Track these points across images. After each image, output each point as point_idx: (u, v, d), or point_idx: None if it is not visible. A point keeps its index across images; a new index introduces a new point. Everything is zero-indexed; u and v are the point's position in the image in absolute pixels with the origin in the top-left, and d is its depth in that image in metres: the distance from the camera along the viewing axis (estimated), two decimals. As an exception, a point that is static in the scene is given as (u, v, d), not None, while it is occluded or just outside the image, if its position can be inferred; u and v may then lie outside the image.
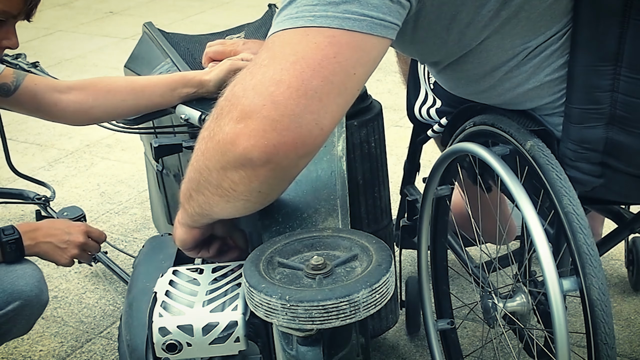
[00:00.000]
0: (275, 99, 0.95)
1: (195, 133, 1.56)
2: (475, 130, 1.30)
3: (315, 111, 0.96)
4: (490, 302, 1.29)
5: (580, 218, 1.10)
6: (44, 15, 4.91)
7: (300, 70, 0.96)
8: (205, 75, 1.51)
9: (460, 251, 1.54)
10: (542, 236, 1.09)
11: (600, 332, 1.07)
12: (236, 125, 0.96)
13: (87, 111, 1.50)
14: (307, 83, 0.96)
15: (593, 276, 1.08)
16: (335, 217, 1.12)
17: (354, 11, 0.97)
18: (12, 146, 2.52)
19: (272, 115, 0.95)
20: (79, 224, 1.59)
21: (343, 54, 0.97)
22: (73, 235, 1.54)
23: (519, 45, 1.13)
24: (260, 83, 0.96)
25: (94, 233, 1.60)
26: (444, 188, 1.46)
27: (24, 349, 1.90)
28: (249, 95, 0.96)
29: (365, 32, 0.97)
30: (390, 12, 1.00)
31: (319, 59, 0.96)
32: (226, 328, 1.01)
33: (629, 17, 1.07)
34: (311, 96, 0.96)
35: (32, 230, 1.48)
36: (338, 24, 0.96)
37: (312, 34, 0.96)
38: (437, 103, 1.51)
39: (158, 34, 1.82)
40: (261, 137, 0.95)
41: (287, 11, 0.99)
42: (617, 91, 1.12)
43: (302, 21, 0.97)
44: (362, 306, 0.89)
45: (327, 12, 0.96)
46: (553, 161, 1.14)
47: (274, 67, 0.96)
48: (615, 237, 1.47)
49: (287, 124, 0.95)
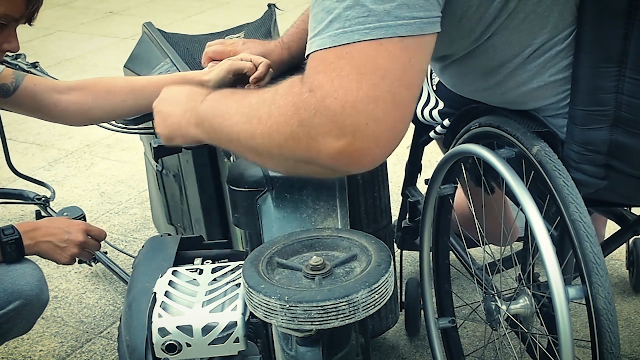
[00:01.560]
0: (376, 117, 1.00)
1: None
2: (480, 132, 1.29)
3: (405, 116, 1.03)
4: (494, 304, 1.29)
5: (587, 226, 1.09)
6: (44, 15, 4.91)
7: (390, 83, 1.01)
8: (205, 75, 1.51)
9: (463, 253, 1.53)
10: (548, 244, 1.08)
11: (606, 342, 1.06)
12: (336, 142, 1.00)
13: (86, 112, 1.51)
14: (397, 93, 1.01)
15: (599, 285, 1.07)
16: (335, 217, 1.12)
17: (405, 16, 1.00)
18: (12, 146, 2.52)
19: (376, 133, 1.01)
20: (78, 222, 1.59)
21: (414, 56, 1.01)
22: (73, 234, 1.54)
23: (525, 42, 1.13)
24: (358, 102, 1.00)
25: (94, 231, 1.60)
26: (447, 187, 1.45)
27: (24, 349, 1.90)
28: (350, 113, 1.00)
29: (419, 34, 1.01)
30: (433, 6, 1.02)
31: (399, 68, 1.01)
32: (225, 328, 1.01)
33: (634, 18, 1.07)
34: (403, 104, 1.02)
35: (32, 230, 1.48)
36: (393, 32, 1.00)
37: (379, 47, 1.00)
38: (440, 104, 1.51)
39: (158, 34, 1.82)
40: (365, 155, 1.02)
41: (335, 26, 1.01)
42: (621, 93, 1.11)
43: (358, 35, 1.00)
44: (361, 306, 0.89)
45: (381, 22, 1.00)
46: (560, 167, 1.14)
47: (366, 84, 1.00)
48: (618, 239, 1.46)
49: (387, 136, 1.03)
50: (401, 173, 1.83)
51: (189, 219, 1.78)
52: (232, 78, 1.50)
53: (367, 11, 1.00)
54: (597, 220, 1.85)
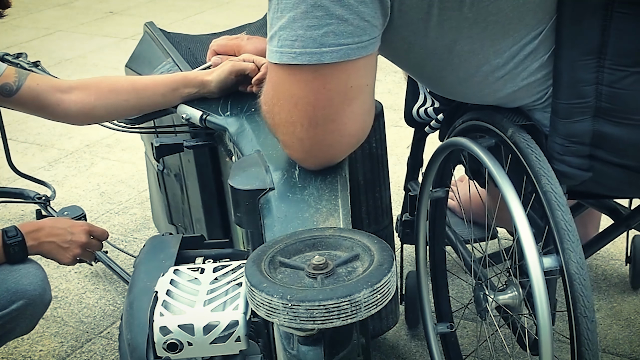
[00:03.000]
0: (298, 136, 1.14)
1: (196, 132, 1.56)
2: (467, 125, 1.33)
3: (334, 129, 1.13)
4: (482, 293, 1.30)
5: (559, 196, 1.12)
6: (44, 15, 4.92)
7: (303, 109, 1.11)
8: (207, 75, 1.51)
9: (459, 246, 1.54)
10: (522, 217, 1.11)
11: (580, 306, 1.08)
12: (282, 147, 1.20)
13: (89, 111, 1.50)
14: (312, 116, 1.11)
15: (571, 251, 1.09)
16: (337, 217, 1.12)
17: (331, 43, 1.05)
18: (12, 146, 2.52)
19: (303, 148, 1.16)
20: (81, 223, 1.59)
21: (330, 81, 1.09)
22: (76, 234, 1.54)
23: (489, 48, 1.14)
24: (281, 125, 1.15)
25: (97, 232, 1.61)
26: (438, 190, 1.47)
27: (24, 349, 1.90)
28: (280, 132, 1.17)
29: (344, 60, 1.07)
30: (365, 31, 1.07)
31: (311, 94, 1.09)
32: (227, 327, 1.01)
33: (612, 9, 1.09)
34: (323, 123, 1.12)
35: (35, 230, 1.49)
36: (317, 59, 1.06)
37: (299, 74, 1.09)
38: (435, 103, 1.53)
39: (159, 33, 1.82)
40: (303, 161, 1.19)
41: (273, 43, 1.09)
42: (601, 83, 1.14)
43: (286, 57, 1.08)
44: (363, 306, 0.89)
45: (306, 49, 1.05)
46: (532, 145, 1.18)
47: (283, 109, 1.13)
48: (611, 233, 1.48)
49: (318, 149, 1.16)
50: (401, 173, 1.83)
51: (189, 219, 1.78)
52: (234, 79, 1.51)
53: (296, 36, 1.05)
54: (587, 224, 1.87)
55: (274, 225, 1.12)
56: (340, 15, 1.04)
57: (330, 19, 1.04)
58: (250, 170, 1.23)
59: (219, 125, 1.45)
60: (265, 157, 1.27)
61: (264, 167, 1.23)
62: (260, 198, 1.17)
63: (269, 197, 1.16)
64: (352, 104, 1.12)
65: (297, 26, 1.05)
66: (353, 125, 1.14)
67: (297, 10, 1.04)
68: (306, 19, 1.04)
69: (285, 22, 1.06)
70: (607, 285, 2.02)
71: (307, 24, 1.04)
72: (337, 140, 1.15)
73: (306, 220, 1.12)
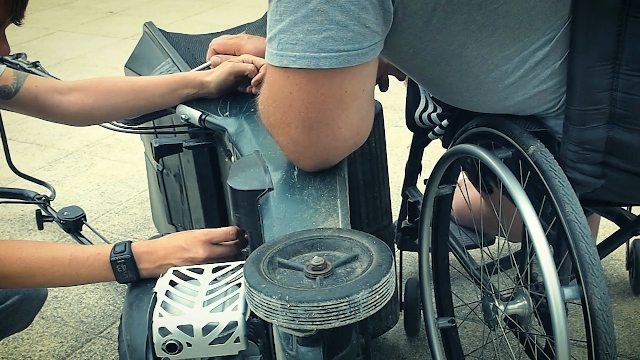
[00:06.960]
0: (293, 138, 1.14)
1: (195, 133, 1.56)
2: (478, 132, 1.30)
3: (328, 133, 1.13)
4: (492, 304, 1.29)
5: (583, 227, 1.09)
6: (44, 15, 4.92)
7: (297, 110, 1.11)
8: (206, 76, 1.51)
9: (462, 253, 1.54)
10: (544, 244, 1.09)
11: (602, 342, 1.06)
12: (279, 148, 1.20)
13: (88, 112, 1.50)
14: (307, 119, 1.11)
15: (595, 286, 1.07)
16: (336, 217, 1.12)
17: (330, 49, 1.05)
18: (12, 146, 2.52)
19: (298, 150, 1.16)
20: (198, 234, 1.28)
21: (325, 86, 1.09)
22: (191, 250, 1.26)
23: (498, 53, 1.13)
24: (277, 125, 1.15)
25: (216, 236, 1.29)
26: (445, 187, 1.45)
27: (24, 349, 1.90)
28: (275, 133, 1.17)
29: (342, 66, 1.06)
30: (365, 38, 1.06)
31: (306, 97, 1.09)
32: (226, 328, 1.02)
33: (627, 14, 1.08)
34: (317, 126, 1.12)
35: (150, 252, 1.27)
36: (315, 64, 1.06)
37: (293, 76, 1.09)
38: (438, 109, 1.52)
39: (159, 33, 1.82)
40: (299, 162, 1.19)
41: (273, 45, 1.09)
42: (616, 89, 1.12)
43: (286, 60, 1.08)
44: (362, 307, 0.89)
45: (305, 53, 1.06)
46: (556, 167, 1.14)
47: (279, 110, 1.13)
48: (617, 239, 1.46)
49: (312, 152, 1.16)
50: (401, 173, 1.83)
51: (189, 219, 1.78)
52: (233, 80, 1.51)
53: (296, 40, 1.05)
54: (590, 224, 1.85)
55: (273, 226, 1.12)
56: (340, 21, 1.03)
57: (330, 24, 1.03)
58: (249, 170, 1.23)
59: (218, 125, 1.45)
60: (264, 158, 1.27)
61: (263, 168, 1.23)
62: (259, 198, 1.17)
63: (268, 198, 1.16)
64: (348, 108, 1.11)
65: (297, 30, 1.05)
66: (348, 130, 1.14)
67: (297, 14, 1.04)
68: (306, 23, 1.04)
69: (285, 25, 1.05)
70: (607, 286, 2.02)
71: (307, 28, 1.04)
72: (331, 144, 1.15)
73: (305, 221, 1.12)
